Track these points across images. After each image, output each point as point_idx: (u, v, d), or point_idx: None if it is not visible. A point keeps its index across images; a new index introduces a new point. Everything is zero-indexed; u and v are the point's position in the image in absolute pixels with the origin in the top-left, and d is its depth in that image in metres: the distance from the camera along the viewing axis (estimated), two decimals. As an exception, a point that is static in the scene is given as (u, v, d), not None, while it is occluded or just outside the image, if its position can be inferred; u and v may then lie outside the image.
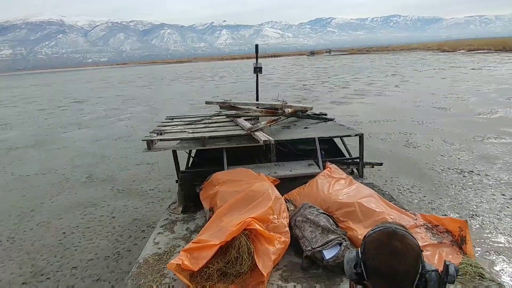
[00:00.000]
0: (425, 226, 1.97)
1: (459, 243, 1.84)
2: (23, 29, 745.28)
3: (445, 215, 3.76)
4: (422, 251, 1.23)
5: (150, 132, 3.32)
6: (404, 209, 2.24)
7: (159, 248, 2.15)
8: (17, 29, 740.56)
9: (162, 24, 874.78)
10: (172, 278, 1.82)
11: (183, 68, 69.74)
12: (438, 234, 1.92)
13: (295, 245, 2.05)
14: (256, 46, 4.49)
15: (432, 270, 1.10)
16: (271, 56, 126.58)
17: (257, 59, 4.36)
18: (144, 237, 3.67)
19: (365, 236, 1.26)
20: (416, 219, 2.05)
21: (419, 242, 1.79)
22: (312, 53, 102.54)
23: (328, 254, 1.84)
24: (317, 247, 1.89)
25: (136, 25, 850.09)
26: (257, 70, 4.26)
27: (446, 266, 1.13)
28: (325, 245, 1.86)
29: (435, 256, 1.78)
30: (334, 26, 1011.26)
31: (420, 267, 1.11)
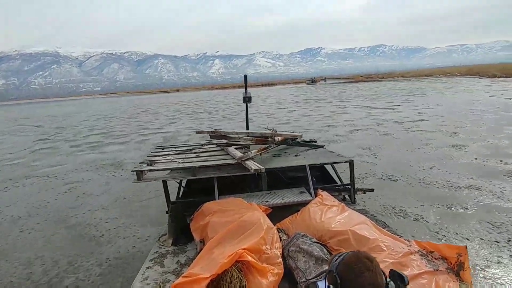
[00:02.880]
0: (420, 253, 1.93)
1: (456, 269, 1.79)
2: (17, 60, 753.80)
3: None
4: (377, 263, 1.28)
5: (140, 163, 3.27)
6: (398, 235, 2.21)
7: (148, 284, 2.06)
8: (11, 60, 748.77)
9: (156, 54, 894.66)
10: None
11: (157, 100, 55.86)
12: (433, 261, 1.87)
13: (289, 276, 1.98)
14: (245, 76, 4.61)
15: (390, 280, 1.23)
16: (265, 85, 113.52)
17: (246, 89, 4.44)
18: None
19: (332, 271, 1.26)
20: (410, 245, 2.00)
21: (415, 270, 1.80)
22: (313, 80, 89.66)
23: (323, 285, 1.78)
24: (311, 278, 1.84)
25: (131, 55, 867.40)
26: (247, 99, 4.34)
27: (395, 274, 1.25)
28: (320, 276, 1.81)
29: (432, 284, 1.73)
30: (323, 55, 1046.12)
31: (384, 276, 1.23)
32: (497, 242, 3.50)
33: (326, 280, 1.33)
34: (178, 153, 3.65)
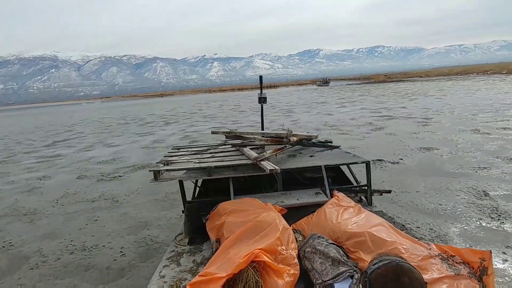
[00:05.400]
0: (440, 257, 1.88)
1: (479, 274, 1.74)
2: (16, 65, 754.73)
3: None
4: (426, 283, 1.19)
5: (157, 163, 3.31)
6: (417, 238, 2.16)
7: (165, 282, 2.08)
8: (9, 65, 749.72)
9: (155, 57, 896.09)
10: None
11: (124, 110, 43.04)
12: (454, 265, 1.82)
13: (304, 277, 1.96)
14: (260, 77, 4.68)
15: None
16: (267, 87, 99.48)
17: (261, 90, 4.51)
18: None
19: (367, 272, 1.21)
20: (430, 249, 1.95)
21: (435, 274, 1.75)
22: (326, 81, 73.12)
23: (340, 287, 1.77)
24: (327, 280, 1.81)
25: (129, 59, 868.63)
26: (262, 100, 4.37)
27: None
28: (336, 278, 1.78)
29: None
30: (322, 57, 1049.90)
31: None
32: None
33: (360, 279, 1.29)
34: (194, 154, 3.67)
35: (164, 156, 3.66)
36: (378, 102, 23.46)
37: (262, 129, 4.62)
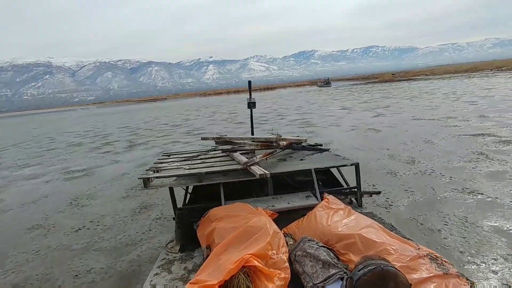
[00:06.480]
0: (429, 257, 1.87)
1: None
2: (9, 71, 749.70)
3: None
4: (411, 284, 1.21)
5: (146, 170, 3.27)
6: (406, 238, 2.17)
7: None
8: (3, 72, 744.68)
9: (149, 62, 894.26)
10: None
11: (112, 118, 37.14)
12: (443, 264, 1.82)
13: (295, 281, 1.97)
14: (249, 82, 4.72)
15: None
16: (264, 89, 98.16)
17: (250, 94, 4.54)
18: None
19: (353, 279, 1.22)
20: (419, 248, 1.95)
21: (424, 274, 1.76)
22: (327, 82, 72.22)
23: None
24: (318, 283, 1.82)
25: (124, 63, 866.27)
26: (251, 105, 4.39)
27: None
28: (327, 280, 1.80)
29: None
30: (317, 58, 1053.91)
31: None
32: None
33: (347, 284, 1.29)
34: (184, 160, 3.65)
35: (154, 163, 3.63)
36: (424, 107, 16.74)
37: (252, 134, 4.61)
